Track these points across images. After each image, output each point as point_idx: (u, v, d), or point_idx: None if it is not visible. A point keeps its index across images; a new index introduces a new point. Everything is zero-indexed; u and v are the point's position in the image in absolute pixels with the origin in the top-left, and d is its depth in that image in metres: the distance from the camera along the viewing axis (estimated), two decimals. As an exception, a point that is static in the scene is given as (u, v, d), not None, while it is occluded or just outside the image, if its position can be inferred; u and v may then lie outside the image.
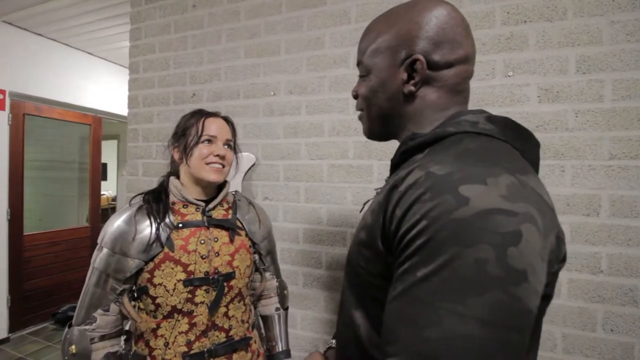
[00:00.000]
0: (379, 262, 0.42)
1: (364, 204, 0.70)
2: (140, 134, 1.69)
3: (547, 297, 0.40)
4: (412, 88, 0.48)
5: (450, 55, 0.46)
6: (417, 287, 0.34)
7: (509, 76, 1.09)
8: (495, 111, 1.10)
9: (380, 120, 0.53)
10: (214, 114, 0.90)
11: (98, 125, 3.24)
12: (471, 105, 1.17)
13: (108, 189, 5.69)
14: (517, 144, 0.43)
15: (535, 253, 0.33)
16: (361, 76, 0.54)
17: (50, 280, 2.85)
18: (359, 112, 0.58)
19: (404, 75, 0.48)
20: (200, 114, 0.89)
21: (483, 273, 0.31)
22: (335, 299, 1.30)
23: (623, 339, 0.97)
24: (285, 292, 1.07)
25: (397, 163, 0.50)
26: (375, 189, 0.63)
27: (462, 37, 0.47)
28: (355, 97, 0.57)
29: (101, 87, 3.23)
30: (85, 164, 3.24)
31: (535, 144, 0.47)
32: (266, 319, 1.03)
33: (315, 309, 1.33)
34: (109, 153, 4.62)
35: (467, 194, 0.34)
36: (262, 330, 1.03)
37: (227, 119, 0.92)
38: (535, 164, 0.47)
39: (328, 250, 1.31)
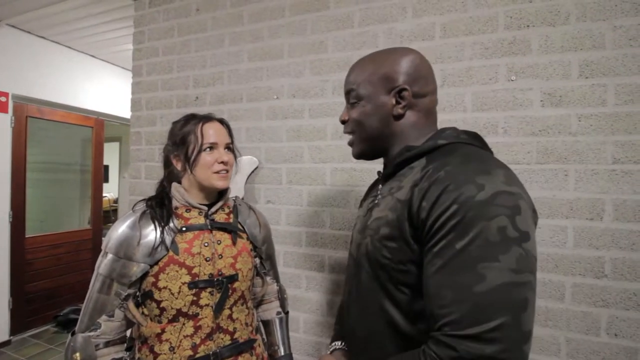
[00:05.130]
0: (408, 250, 0.51)
1: (359, 209, 0.78)
2: (143, 137, 1.69)
3: None
4: (401, 111, 0.61)
5: (425, 88, 0.62)
6: (458, 257, 0.44)
7: (512, 80, 1.09)
8: (498, 115, 1.10)
9: (371, 140, 0.64)
10: (209, 118, 0.88)
11: (100, 128, 3.25)
12: (475, 109, 1.17)
13: (110, 191, 5.70)
14: (485, 148, 0.59)
15: (529, 219, 0.46)
16: (352, 103, 0.65)
17: (52, 282, 2.85)
18: (348, 137, 0.68)
19: (393, 101, 0.61)
20: (196, 120, 0.87)
21: (505, 236, 0.43)
22: (338, 302, 1.29)
23: (627, 344, 0.97)
24: (285, 296, 1.08)
25: (391, 173, 0.62)
26: (367, 197, 0.74)
27: (431, 75, 0.64)
28: (344, 122, 0.68)
29: (103, 89, 3.24)
30: (87, 166, 3.25)
31: (491, 150, 0.62)
32: (267, 323, 1.03)
33: (318, 313, 1.33)
34: (110, 155, 4.62)
35: (482, 182, 0.46)
36: (264, 336, 1.03)
37: (223, 122, 0.91)
38: None
39: (331, 253, 1.31)
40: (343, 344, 0.73)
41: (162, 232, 0.80)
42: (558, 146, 1.05)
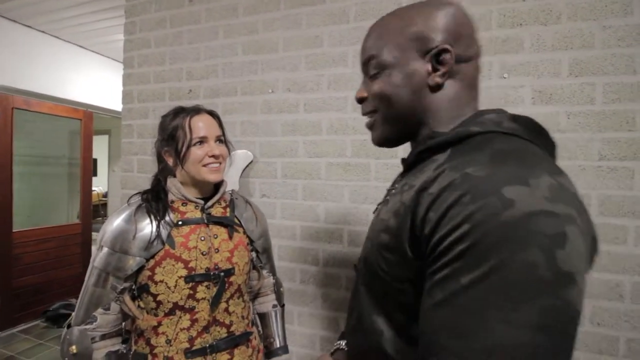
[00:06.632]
0: (405, 266, 0.41)
1: (379, 204, 0.63)
2: (135, 130, 1.67)
3: None
4: (439, 79, 0.47)
5: (469, 50, 0.47)
6: (462, 295, 0.33)
7: (505, 78, 1.11)
8: (490, 112, 1.12)
9: (399, 119, 0.50)
10: (198, 111, 0.87)
11: (89, 120, 3.18)
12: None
13: (98, 185, 5.61)
14: (540, 144, 0.43)
15: (579, 254, 0.32)
16: (373, 75, 0.51)
17: (41, 277, 2.81)
18: (368, 119, 0.54)
19: (429, 67, 0.47)
20: (184, 113, 0.86)
21: (534, 277, 0.30)
22: (332, 295, 1.31)
23: (609, 332, 1.01)
24: (282, 289, 1.09)
25: (413, 163, 0.50)
26: (388, 189, 0.59)
27: (475, 34, 0.49)
28: (361, 100, 0.53)
29: (93, 81, 3.17)
30: (75, 159, 3.19)
31: (553, 145, 0.46)
32: (263, 316, 1.04)
33: (312, 306, 1.34)
34: (99, 148, 4.54)
35: (512, 195, 0.32)
36: (260, 328, 1.04)
37: (212, 114, 0.89)
38: None
39: (325, 247, 1.33)
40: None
41: (158, 226, 0.80)
42: (547, 143, 1.07)
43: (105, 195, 5.64)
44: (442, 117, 0.48)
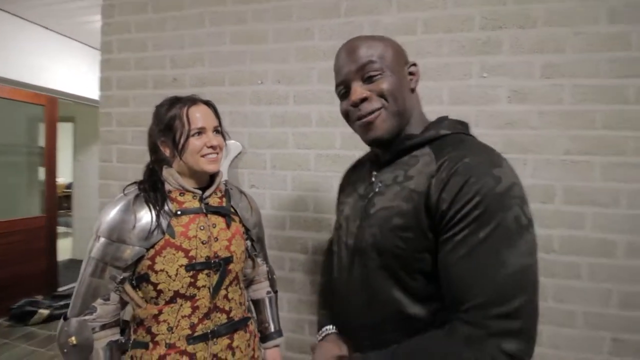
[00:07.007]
0: (424, 239, 0.54)
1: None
2: (114, 118, 1.60)
3: None
4: (415, 84, 0.64)
5: None
6: (481, 245, 0.48)
7: (484, 77, 1.19)
8: (471, 109, 1.21)
9: (402, 112, 0.62)
10: (194, 101, 0.87)
11: (53, 106, 2.98)
12: (451, 102, 1.25)
13: (60, 176, 5.24)
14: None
15: (529, 207, 0.51)
16: (371, 77, 0.60)
17: (3, 273, 2.63)
18: (364, 119, 0.61)
19: (408, 76, 0.64)
20: (181, 103, 0.85)
21: (520, 224, 0.48)
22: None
23: (568, 307, 1.14)
24: (274, 276, 1.12)
25: (390, 159, 0.64)
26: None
27: None
28: (362, 100, 0.60)
29: (58, 65, 2.95)
30: (34, 147, 2.97)
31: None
32: (258, 302, 1.07)
33: (301, 292, 1.39)
34: (60, 136, 4.24)
35: (498, 174, 0.50)
36: (254, 314, 1.07)
37: (209, 104, 0.90)
38: None
39: (314, 236, 1.37)
40: (334, 327, 0.74)
41: (157, 216, 0.80)
42: (520, 138, 1.17)
43: (69, 186, 5.29)
44: (416, 118, 0.64)
